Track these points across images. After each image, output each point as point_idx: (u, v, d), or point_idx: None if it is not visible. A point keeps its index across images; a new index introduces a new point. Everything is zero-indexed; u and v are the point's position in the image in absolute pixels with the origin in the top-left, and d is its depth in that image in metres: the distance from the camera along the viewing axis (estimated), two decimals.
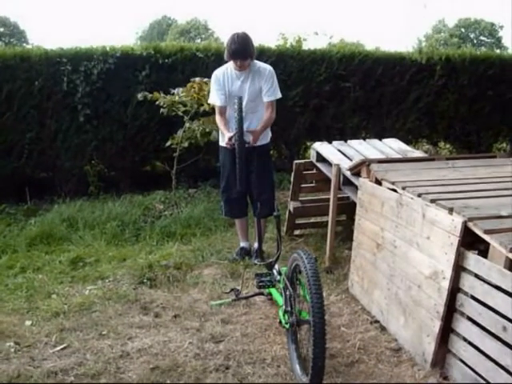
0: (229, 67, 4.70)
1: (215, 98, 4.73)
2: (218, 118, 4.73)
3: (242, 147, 4.24)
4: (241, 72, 4.64)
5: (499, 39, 52.05)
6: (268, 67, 4.75)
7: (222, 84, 4.68)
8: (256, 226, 4.10)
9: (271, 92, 4.67)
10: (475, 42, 51.01)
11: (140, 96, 6.42)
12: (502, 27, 53.16)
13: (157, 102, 6.29)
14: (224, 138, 4.62)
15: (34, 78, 7.13)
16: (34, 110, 7.21)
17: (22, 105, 7.15)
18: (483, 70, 8.61)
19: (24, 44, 33.59)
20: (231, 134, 4.43)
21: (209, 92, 5.92)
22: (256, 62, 4.75)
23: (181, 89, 6.24)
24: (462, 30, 53.22)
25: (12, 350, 3.49)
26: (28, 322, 3.91)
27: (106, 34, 67.82)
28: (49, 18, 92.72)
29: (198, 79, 6.16)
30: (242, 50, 4.49)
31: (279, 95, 4.75)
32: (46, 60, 7.16)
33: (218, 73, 4.76)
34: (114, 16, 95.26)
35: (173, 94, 6.27)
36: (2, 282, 4.74)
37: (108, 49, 7.35)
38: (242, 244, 5.13)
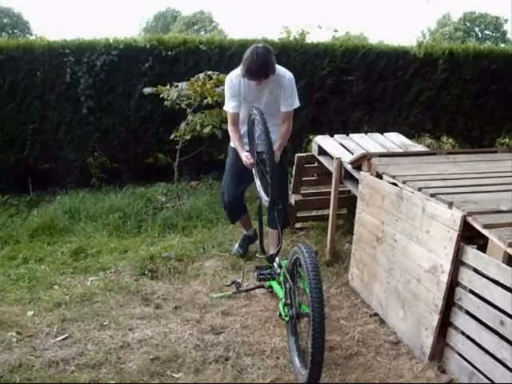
0: None
1: (229, 106, 4.27)
2: (231, 128, 4.30)
3: (273, 161, 3.62)
4: None
5: (504, 33, 51.78)
6: (287, 74, 4.26)
7: (236, 90, 4.21)
8: (258, 224, 4.08)
9: (289, 102, 4.24)
10: (480, 36, 50.75)
11: (145, 91, 6.41)
12: (506, 21, 52.90)
13: (161, 95, 6.29)
14: (239, 151, 4.20)
15: (37, 69, 7.12)
16: (37, 102, 7.20)
17: (25, 96, 7.14)
18: (487, 65, 8.55)
19: (27, 35, 33.54)
20: (248, 154, 4.04)
21: (214, 87, 6.00)
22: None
23: (184, 83, 6.21)
24: (468, 24, 52.94)
25: (14, 339, 3.52)
26: (30, 313, 3.94)
27: (109, 26, 67.60)
28: (52, 9, 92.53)
29: (201, 75, 6.13)
30: (264, 71, 3.97)
31: (297, 104, 4.30)
32: (49, 51, 7.15)
33: (233, 78, 4.24)
34: (118, 7, 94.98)
35: (176, 86, 6.26)
36: (4, 273, 4.76)
37: (111, 41, 7.33)
38: (247, 232, 4.99)
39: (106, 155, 7.55)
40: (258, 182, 4.00)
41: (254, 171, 4.04)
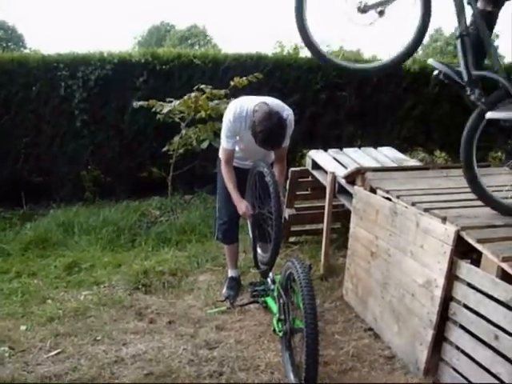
0: (248, 115, 3.83)
1: (227, 143, 3.98)
2: (226, 169, 3.99)
3: (280, 229, 3.58)
4: None
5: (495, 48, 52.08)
6: (290, 115, 3.88)
7: (237, 132, 3.93)
8: (252, 239, 4.01)
9: (288, 139, 3.94)
10: None
11: (135, 105, 6.40)
12: (497, 36, 53.32)
13: (153, 110, 6.29)
14: (235, 199, 3.96)
15: (32, 83, 7.16)
16: (32, 115, 7.22)
17: (20, 109, 7.17)
18: None
19: (22, 48, 33.57)
20: (248, 205, 3.89)
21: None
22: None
23: (177, 101, 6.20)
24: None
25: (6, 354, 3.50)
26: (23, 327, 3.91)
27: (103, 39, 67.53)
28: (47, 22, 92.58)
29: (193, 94, 6.12)
30: (276, 142, 3.69)
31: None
32: (43, 65, 7.18)
33: (236, 118, 3.88)
34: (112, 21, 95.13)
35: (170, 101, 6.25)
36: None
37: (105, 55, 7.37)
38: (232, 273, 4.58)
39: (100, 169, 7.55)
40: (251, 235, 3.97)
41: (249, 222, 3.95)
